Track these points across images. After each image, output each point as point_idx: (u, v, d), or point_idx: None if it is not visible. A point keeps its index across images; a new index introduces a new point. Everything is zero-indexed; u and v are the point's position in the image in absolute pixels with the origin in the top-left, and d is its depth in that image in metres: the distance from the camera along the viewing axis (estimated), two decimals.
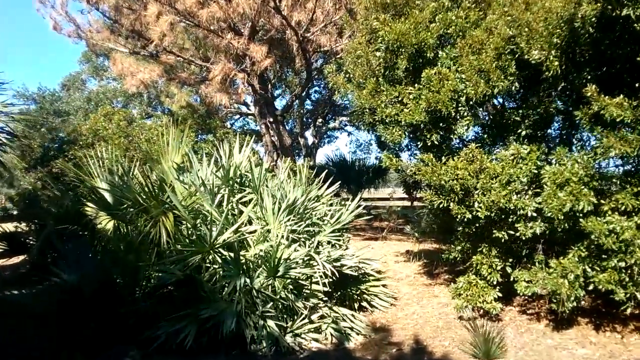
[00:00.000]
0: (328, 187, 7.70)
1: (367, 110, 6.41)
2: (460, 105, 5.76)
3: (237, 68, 10.43)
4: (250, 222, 6.86)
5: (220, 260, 6.02)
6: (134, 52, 11.68)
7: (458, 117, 5.80)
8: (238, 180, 7.23)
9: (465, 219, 5.80)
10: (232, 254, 5.98)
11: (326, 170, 8.54)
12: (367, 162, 22.92)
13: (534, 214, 5.51)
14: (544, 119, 5.82)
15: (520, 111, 6.05)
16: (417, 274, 8.82)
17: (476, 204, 5.70)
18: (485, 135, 6.09)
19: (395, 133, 6.06)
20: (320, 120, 26.57)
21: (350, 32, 8.00)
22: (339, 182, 8.18)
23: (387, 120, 6.14)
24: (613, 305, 6.15)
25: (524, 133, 6.11)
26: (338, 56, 10.38)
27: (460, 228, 6.48)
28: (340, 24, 9.80)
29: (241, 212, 6.76)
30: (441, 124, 5.84)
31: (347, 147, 30.82)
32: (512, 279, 6.10)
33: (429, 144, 5.90)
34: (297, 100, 17.42)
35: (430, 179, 5.80)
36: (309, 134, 26.46)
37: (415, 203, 23.73)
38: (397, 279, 8.53)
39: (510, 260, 6.14)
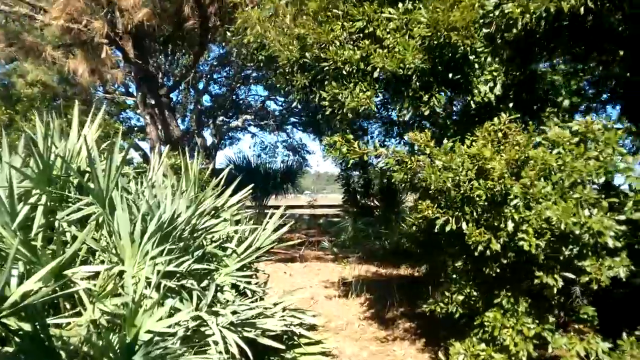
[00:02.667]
0: (232, 194, 4.76)
1: (306, 57, 3.58)
2: (479, 44, 3.13)
3: (93, 15, 7.16)
4: (92, 254, 3.80)
5: (17, 340, 2.91)
6: None
7: (476, 66, 3.17)
8: (74, 181, 4.09)
9: (490, 252, 3.17)
10: (32, 327, 2.91)
11: (227, 169, 5.69)
12: (273, 165, 20.97)
13: (617, 244, 3.02)
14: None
15: (563, 66, 3.56)
16: (363, 319, 6.12)
17: (509, 225, 3.08)
18: (511, 104, 3.50)
19: (362, 94, 3.29)
20: (221, 118, 23.47)
21: None
22: (246, 187, 5.34)
23: (345, 71, 3.37)
24: None
25: (566, 103, 3.65)
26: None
27: (460, 263, 3.86)
28: None
29: (74, 239, 3.63)
30: (450, 75, 3.19)
31: (251, 149, 28.10)
32: (550, 349, 3.61)
33: (425, 113, 3.22)
34: (190, 75, 14.08)
35: (429, 179, 3.10)
36: (207, 133, 23.24)
37: (328, 211, 21.44)
38: (335, 329, 5.77)
39: (549, 318, 3.62)
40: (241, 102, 24.41)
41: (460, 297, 3.78)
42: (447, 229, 3.14)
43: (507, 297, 3.61)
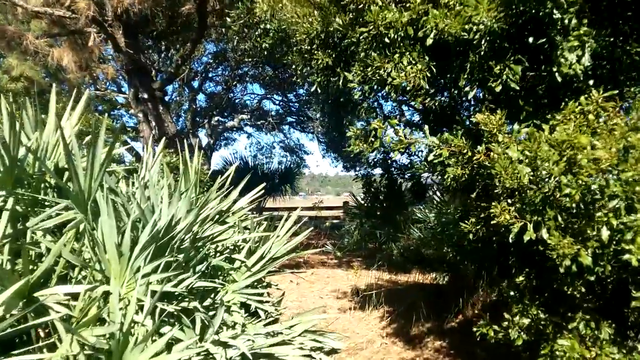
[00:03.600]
0: (239, 196, 4.04)
1: (336, 24, 2.88)
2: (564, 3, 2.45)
3: None
4: (72, 270, 3.06)
5: None
6: None
7: (559, 28, 2.49)
8: (50, 180, 3.37)
9: (577, 267, 2.48)
10: None
11: (233, 167, 5.02)
12: (271, 166, 20.42)
13: None
14: None
15: None
16: (385, 335, 5.42)
17: (604, 232, 2.40)
18: (591, 82, 2.81)
19: (409, 68, 2.60)
20: (216, 118, 22.74)
21: None
22: (247, 189, 4.64)
23: (387, 39, 2.68)
24: None
25: None
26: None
27: (522, 278, 3.17)
28: None
29: (49, 252, 2.91)
30: (530, 40, 2.51)
31: (247, 150, 27.34)
32: None
33: (497, 90, 2.53)
34: (186, 69, 13.36)
35: (501, 174, 2.41)
36: (202, 134, 22.52)
37: (327, 213, 20.79)
38: (354, 348, 5.06)
39: (638, 346, 2.94)
40: (237, 101, 23.72)
41: (526, 321, 3.08)
42: (526, 238, 2.45)
43: (585, 320, 2.93)
